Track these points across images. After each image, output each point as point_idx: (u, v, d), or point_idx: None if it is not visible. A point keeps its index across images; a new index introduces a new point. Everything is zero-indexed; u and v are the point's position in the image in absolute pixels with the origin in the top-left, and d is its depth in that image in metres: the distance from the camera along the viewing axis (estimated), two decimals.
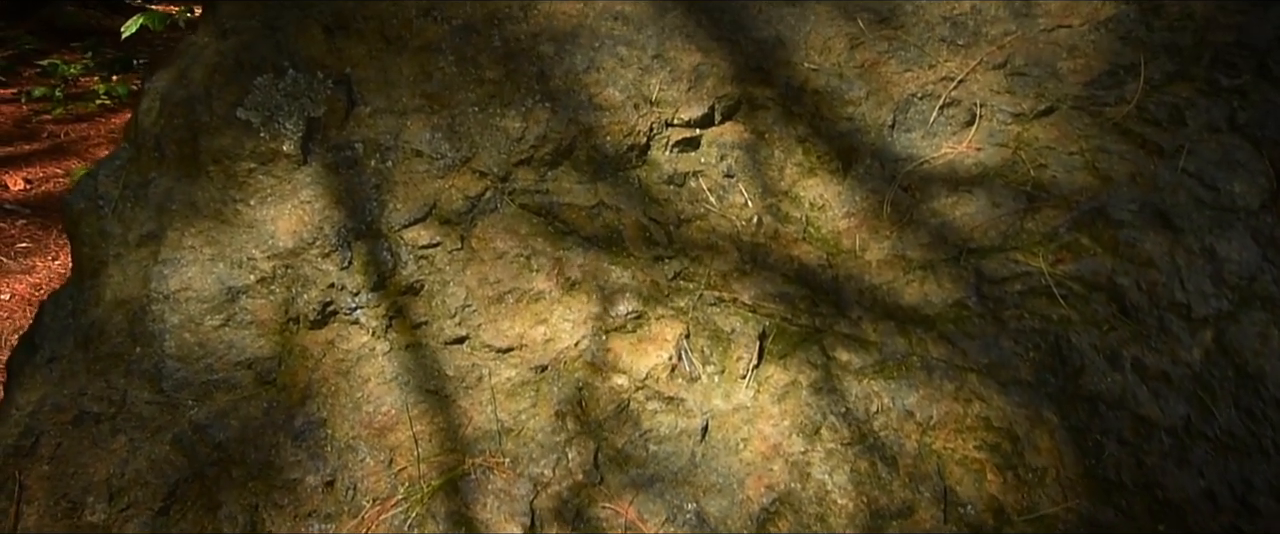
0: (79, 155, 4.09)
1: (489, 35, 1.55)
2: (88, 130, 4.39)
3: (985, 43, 1.34)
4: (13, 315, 3.02)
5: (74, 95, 4.94)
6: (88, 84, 5.56)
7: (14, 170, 3.92)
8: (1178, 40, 1.27)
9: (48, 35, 7.62)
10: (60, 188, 3.80)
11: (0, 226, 3.49)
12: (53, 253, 3.36)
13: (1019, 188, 1.21)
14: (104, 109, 4.65)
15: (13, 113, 4.67)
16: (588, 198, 1.36)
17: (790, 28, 1.42)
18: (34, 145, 4.18)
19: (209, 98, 1.61)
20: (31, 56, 7.16)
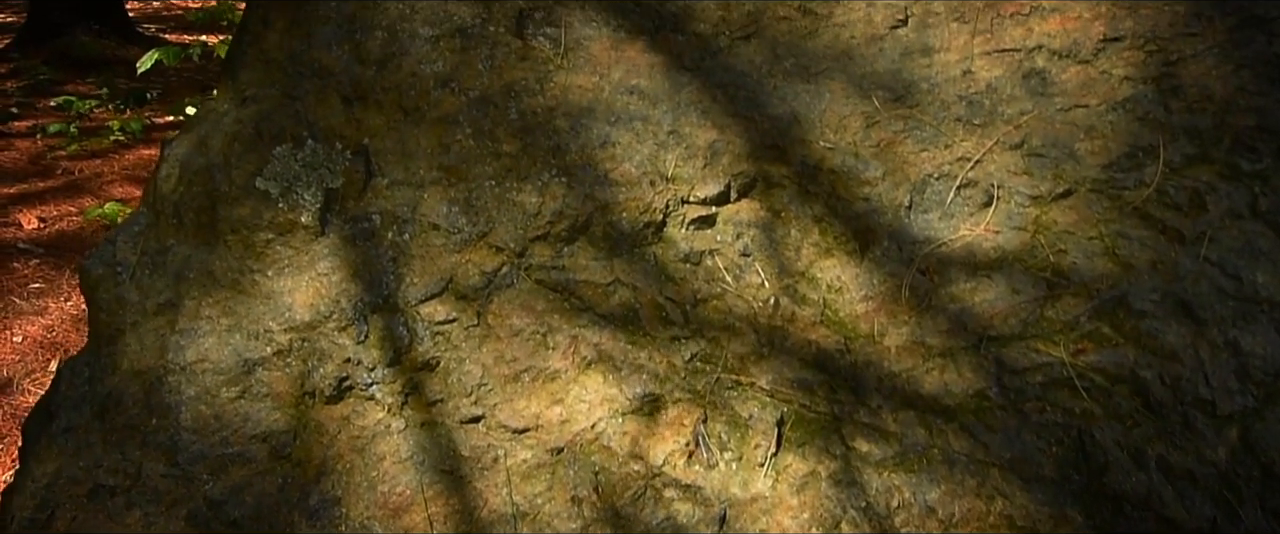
0: (93, 193, 4.14)
1: (505, 108, 1.57)
2: (102, 167, 4.45)
3: (1001, 122, 1.35)
4: (24, 358, 3.05)
5: (88, 129, 5.01)
6: (102, 117, 5.64)
7: (28, 208, 3.97)
8: (1197, 122, 1.28)
9: (63, 65, 7.74)
10: (73, 226, 3.85)
11: (14, 266, 3.53)
12: (65, 294, 3.39)
13: (1038, 274, 1.21)
14: (118, 145, 4.71)
15: (28, 148, 4.73)
16: (604, 275, 1.37)
17: (805, 105, 1.43)
18: (48, 182, 4.24)
19: (228, 167, 1.64)
20: (46, 87, 7.28)
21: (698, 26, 1.57)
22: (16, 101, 6.83)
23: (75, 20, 8.08)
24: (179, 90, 7.07)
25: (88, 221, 3.84)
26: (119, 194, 4.14)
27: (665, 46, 1.57)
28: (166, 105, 6.84)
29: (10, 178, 4.26)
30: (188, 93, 7.07)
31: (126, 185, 4.23)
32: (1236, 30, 1.32)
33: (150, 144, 4.82)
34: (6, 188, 4.14)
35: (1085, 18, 1.40)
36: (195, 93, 7.17)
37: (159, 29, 9.89)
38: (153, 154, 4.68)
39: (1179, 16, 1.35)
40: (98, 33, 8.14)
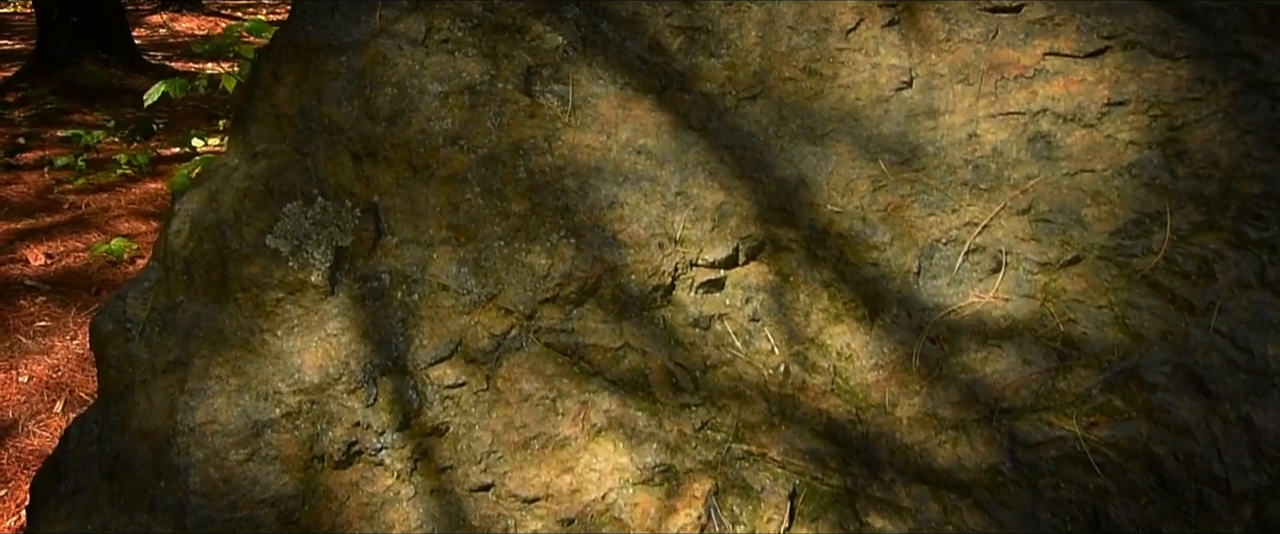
0: (99, 228, 4.14)
1: (514, 167, 1.57)
2: (108, 201, 4.45)
3: (1008, 187, 1.34)
4: (30, 399, 3.03)
5: (95, 162, 5.02)
6: (108, 149, 5.65)
7: (35, 244, 3.97)
8: (1203, 189, 1.28)
9: (70, 94, 7.77)
10: (80, 262, 3.84)
11: (20, 304, 3.52)
12: (71, 332, 3.38)
13: (1049, 344, 1.20)
14: (125, 179, 4.72)
15: (35, 181, 4.74)
16: (613, 339, 1.36)
17: (812, 168, 1.43)
18: (55, 217, 4.24)
19: (238, 224, 1.64)
20: (54, 116, 7.30)
21: (704, 86, 1.57)
22: (24, 131, 6.85)
23: (83, 49, 8.12)
24: (185, 119, 7.09)
25: (94, 258, 3.84)
26: (125, 229, 4.14)
27: (672, 105, 1.57)
28: (173, 136, 6.86)
29: (18, 212, 4.27)
30: (194, 122, 7.10)
31: (133, 220, 4.23)
32: (1239, 95, 1.33)
33: (157, 177, 4.83)
34: (13, 223, 4.14)
35: (1089, 81, 1.40)
36: (201, 122, 7.19)
37: (165, 56, 9.94)
38: (159, 187, 4.69)
39: (1182, 81, 1.36)
40: (105, 62, 8.18)
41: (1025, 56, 1.44)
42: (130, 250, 3.91)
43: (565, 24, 1.70)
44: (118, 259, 3.86)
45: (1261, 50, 1.36)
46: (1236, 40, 1.37)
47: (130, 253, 3.91)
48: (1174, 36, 1.40)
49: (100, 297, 3.59)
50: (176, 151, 5.45)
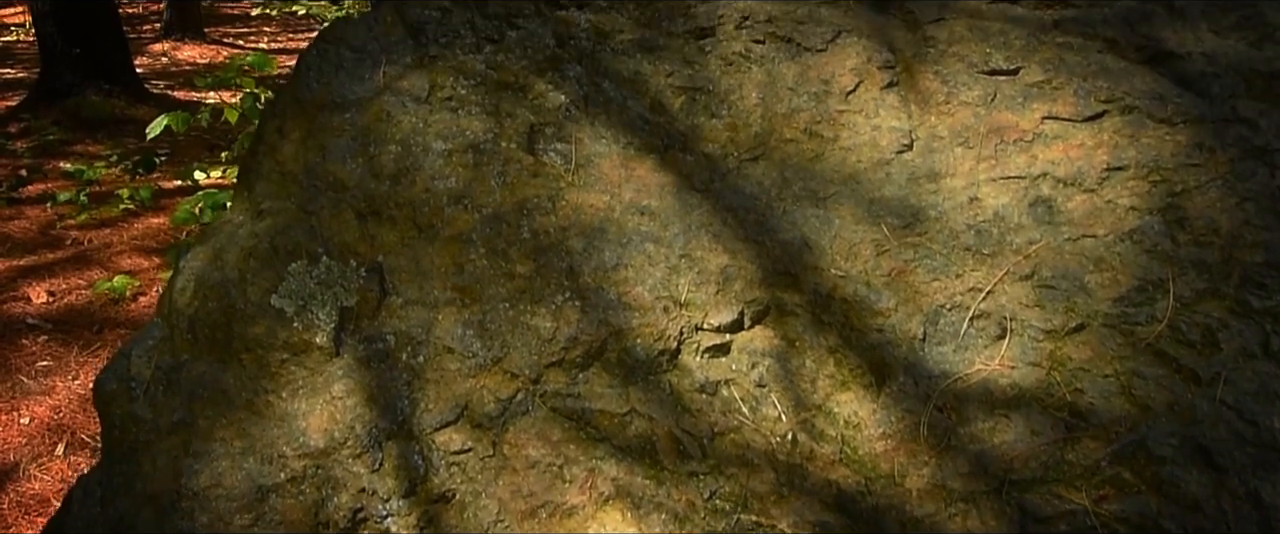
0: (102, 264, 4.12)
1: (518, 227, 1.56)
2: (111, 236, 4.43)
3: (1010, 252, 1.34)
4: (31, 442, 2.99)
5: (98, 195, 5.00)
6: (110, 183, 5.63)
7: (37, 281, 3.94)
8: (1205, 256, 1.27)
9: (72, 125, 7.76)
10: (82, 300, 3.82)
11: (22, 343, 3.49)
12: (73, 372, 3.35)
13: (1056, 414, 1.19)
14: (127, 214, 4.70)
15: (38, 217, 4.72)
16: (620, 404, 1.35)
17: (815, 230, 1.42)
18: (57, 254, 4.21)
19: (243, 283, 1.62)
20: (56, 147, 7.29)
21: (706, 147, 1.57)
22: (26, 163, 6.83)
23: (85, 80, 8.13)
24: (188, 150, 7.09)
25: (96, 296, 3.81)
26: (128, 265, 4.12)
27: (675, 166, 1.57)
28: (176, 167, 6.85)
29: (20, 249, 4.24)
30: (196, 153, 7.09)
31: (135, 256, 4.21)
32: (1238, 162, 1.33)
33: (159, 211, 4.81)
34: (16, 260, 4.12)
35: (1088, 145, 1.40)
36: (203, 152, 7.18)
37: (167, 85, 9.95)
38: (162, 222, 4.67)
39: (1181, 146, 1.36)
40: (107, 92, 8.18)
41: (1024, 120, 1.44)
42: (133, 287, 3.89)
43: (567, 82, 1.70)
44: (120, 297, 3.84)
45: (1258, 116, 1.36)
46: (1233, 106, 1.38)
47: (132, 290, 3.89)
48: (1171, 102, 1.40)
49: (102, 335, 3.57)
50: (179, 184, 5.43)
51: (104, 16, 7.99)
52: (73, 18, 7.71)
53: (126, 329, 3.61)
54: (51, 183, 5.60)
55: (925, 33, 1.57)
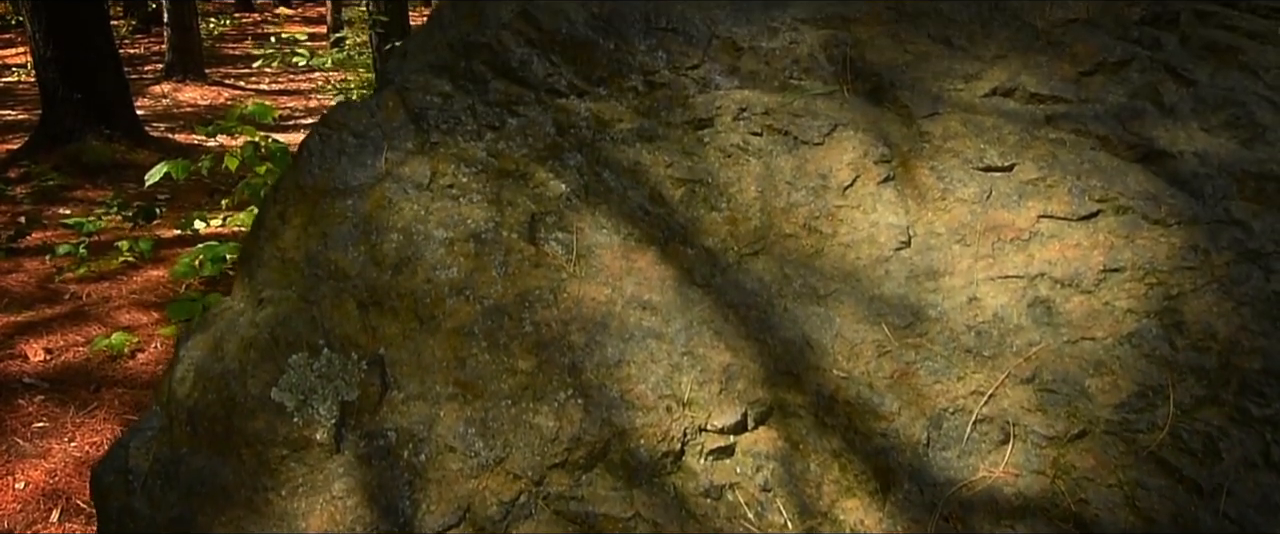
0: (100, 320, 4.07)
1: (520, 319, 1.55)
2: (110, 290, 4.39)
3: (1011, 354, 1.33)
4: (26, 507, 2.93)
5: (98, 245, 4.97)
6: (110, 231, 5.60)
7: (35, 338, 3.90)
8: (1203, 361, 1.27)
9: (73, 170, 7.74)
10: (80, 358, 3.77)
11: (18, 403, 3.44)
12: (69, 434, 3.30)
13: (1062, 525, 1.17)
14: (127, 266, 4.66)
15: (36, 270, 4.68)
16: (624, 508, 1.32)
17: (816, 329, 1.41)
18: (55, 309, 4.17)
19: (244, 375, 1.60)
20: (56, 193, 7.26)
21: (706, 240, 1.56)
22: (26, 209, 6.80)
23: (86, 124, 8.12)
24: (188, 195, 7.07)
25: (94, 353, 3.76)
26: (126, 321, 4.08)
27: (675, 259, 1.56)
28: (176, 214, 6.83)
29: (18, 304, 4.20)
30: (197, 197, 7.08)
31: (133, 311, 4.17)
32: (1233, 265, 1.33)
33: (159, 263, 4.78)
34: (13, 315, 4.07)
35: (1084, 245, 1.40)
36: (203, 197, 7.17)
37: (168, 128, 9.96)
38: (161, 275, 4.63)
39: (1175, 249, 1.36)
40: (108, 137, 8.18)
41: (1020, 219, 1.44)
42: (131, 344, 3.85)
43: (568, 171, 1.70)
44: (118, 354, 3.79)
45: (1251, 218, 1.36)
46: (1226, 207, 1.38)
47: (130, 346, 3.85)
48: (1165, 202, 1.40)
49: (99, 395, 3.52)
50: (178, 234, 5.41)
51: (106, 62, 8.01)
52: (75, 64, 7.73)
53: (124, 388, 3.57)
54: (51, 231, 5.56)
55: (920, 128, 1.58)
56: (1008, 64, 1.65)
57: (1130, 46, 1.61)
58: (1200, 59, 1.56)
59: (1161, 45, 1.60)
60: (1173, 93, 1.53)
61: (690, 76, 1.71)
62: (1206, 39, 1.59)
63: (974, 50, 1.68)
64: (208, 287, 4.48)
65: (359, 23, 13.12)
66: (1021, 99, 1.60)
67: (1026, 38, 1.68)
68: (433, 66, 1.86)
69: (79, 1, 7.52)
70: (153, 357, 3.84)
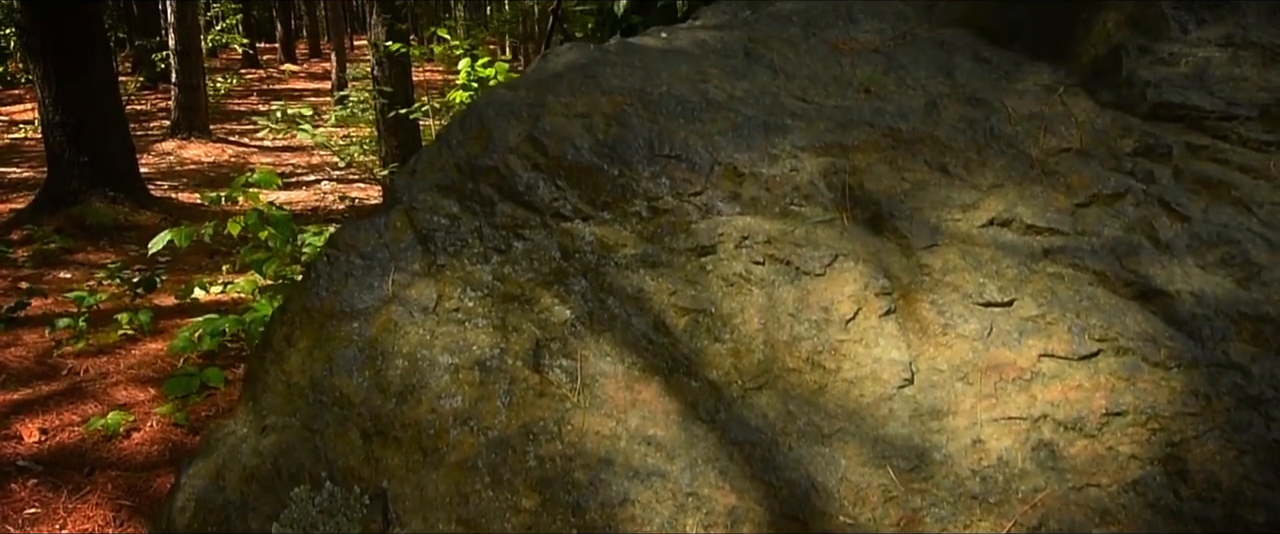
0: (97, 397, 4.04)
1: (524, 453, 1.54)
2: (108, 365, 4.37)
3: (1017, 501, 1.33)
4: None
5: (98, 315, 4.95)
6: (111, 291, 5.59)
7: (30, 418, 3.86)
8: (1209, 513, 1.26)
9: (76, 232, 7.76)
10: (75, 438, 3.73)
11: (11, 488, 3.39)
12: (61, 520, 3.24)
13: None
14: (126, 339, 4.65)
15: (35, 343, 4.66)
16: None
17: (821, 471, 1.41)
18: (52, 385, 4.14)
19: (244, 508, 1.58)
20: (57, 256, 7.27)
21: (710, 373, 1.57)
22: (27, 272, 6.79)
23: (91, 186, 8.18)
24: (190, 257, 7.08)
25: (89, 433, 3.73)
26: (123, 398, 4.05)
27: (680, 391, 1.57)
28: (178, 275, 6.83)
29: (15, 380, 4.17)
30: (198, 260, 7.09)
31: (131, 388, 4.14)
32: (1234, 411, 1.33)
33: (158, 335, 4.76)
34: (10, 393, 4.04)
35: (1085, 387, 1.40)
36: (204, 259, 7.18)
37: (172, 186, 10.03)
38: (159, 348, 4.61)
39: (1176, 393, 1.37)
40: (112, 199, 8.23)
41: (1021, 358, 1.45)
42: (126, 423, 3.81)
43: (573, 297, 1.71)
44: (113, 434, 3.75)
45: (1250, 362, 1.37)
46: (1225, 350, 1.39)
47: (126, 426, 3.81)
48: (1164, 344, 1.41)
49: (93, 478, 3.47)
50: (179, 302, 5.40)
51: (113, 125, 8.10)
52: (83, 127, 7.81)
53: (118, 471, 3.52)
54: (52, 298, 5.55)
55: (919, 259, 1.60)
56: (1004, 193, 1.68)
57: (1124, 178, 1.64)
58: (1194, 193, 1.59)
59: (1155, 178, 1.63)
60: (1167, 228, 1.55)
61: (693, 202, 1.74)
62: (1199, 173, 1.62)
63: (970, 179, 1.71)
64: (206, 361, 4.46)
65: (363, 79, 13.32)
66: (1018, 230, 1.62)
67: (1021, 166, 1.72)
68: (440, 186, 1.89)
69: (89, 67, 7.65)
70: (148, 436, 3.80)
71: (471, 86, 6.71)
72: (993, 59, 2.05)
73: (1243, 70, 1.74)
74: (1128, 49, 1.84)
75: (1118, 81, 1.81)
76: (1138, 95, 1.76)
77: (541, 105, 1.91)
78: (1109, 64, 1.86)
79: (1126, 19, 1.89)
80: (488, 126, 1.92)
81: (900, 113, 1.85)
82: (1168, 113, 1.71)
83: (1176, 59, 1.79)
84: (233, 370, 4.27)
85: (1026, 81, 1.96)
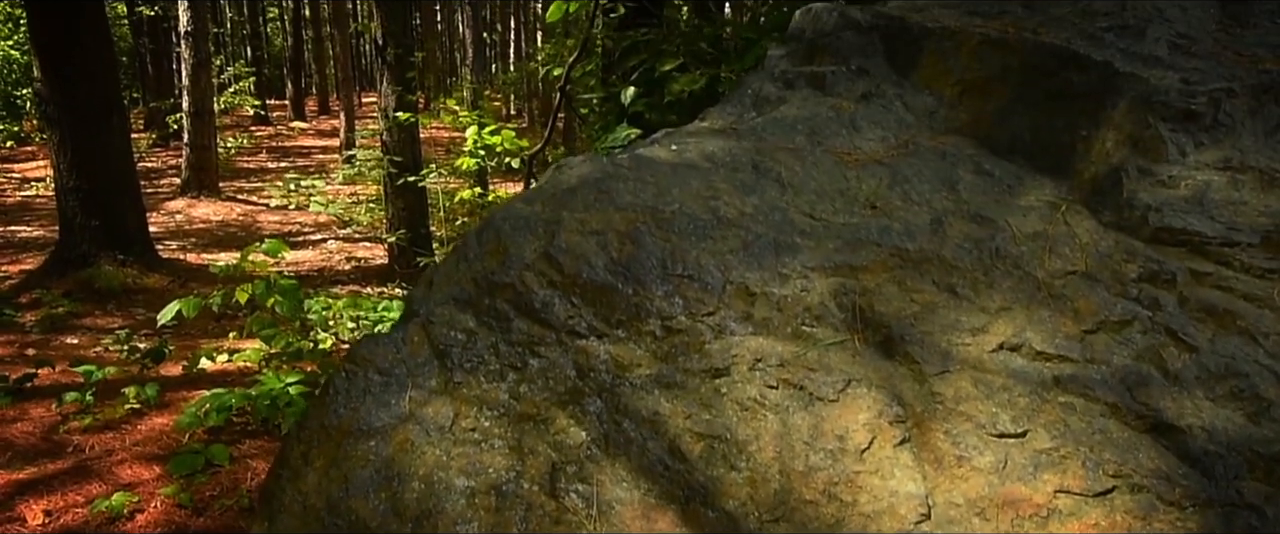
0: (102, 477, 4.01)
1: None
2: (114, 441, 4.34)
3: None
4: None
5: (105, 387, 4.93)
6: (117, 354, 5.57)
7: (34, 499, 3.82)
8: None
9: (84, 296, 7.78)
10: (78, 519, 3.68)
11: None
12: None
13: None
14: (132, 413, 4.62)
15: (41, 417, 4.64)
16: None
17: None
18: (58, 464, 4.10)
19: None
20: (65, 321, 7.27)
21: (727, 503, 1.56)
22: (34, 338, 6.78)
23: (102, 249, 8.23)
24: (197, 322, 7.09)
25: (93, 514, 3.68)
26: (128, 477, 4.01)
27: (697, 521, 1.56)
28: (184, 340, 6.81)
29: (20, 458, 4.13)
30: (205, 323, 7.10)
31: (136, 466, 4.10)
32: None
33: (165, 409, 4.74)
34: (15, 472, 4.00)
35: (1102, 526, 1.40)
36: (211, 323, 7.18)
37: (180, 246, 10.09)
38: (166, 423, 4.59)
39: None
40: (122, 262, 8.28)
41: (1037, 493, 1.45)
42: (130, 504, 3.77)
43: (588, 418, 1.72)
44: (117, 515, 3.71)
45: (1264, 502, 1.37)
46: (1238, 489, 1.39)
47: (130, 507, 3.77)
48: (1177, 483, 1.41)
49: None
50: (185, 371, 5.39)
51: (126, 190, 8.19)
52: (96, 192, 7.90)
53: None
54: (60, 367, 5.53)
55: (932, 386, 1.61)
56: (1012, 317, 1.70)
57: (1130, 305, 1.66)
58: (1200, 321, 1.61)
59: (1161, 305, 1.65)
60: (1176, 358, 1.57)
61: (706, 322, 1.76)
62: (1204, 300, 1.64)
63: (978, 301, 1.73)
64: (211, 436, 4.43)
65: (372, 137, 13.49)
66: (1028, 356, 1.64)
67: (1028, 288, 1.74)
68: (457, 300, 1.91)
69: (105, 134, 7.77)
70: (152, 518, 3.75)
71: (479, 154, 6.81)
72: (995, 172, 2.09)
73: (1242, 194, 1.77)
74: (1128, 170, 1.88)
75: (1119, 202, 1.85)
76: (1140, 218, 1.79)
77: (557, 221, 1.94)
78: (1109, 184, 1.90)
79: (1125, 138, 1.94)
80: (504, 242, 1.95)
81: (907, 231, 1.88)
82: (1170, 237, 1.74)
83: (1176, 181, 1.83)
84: (238, 447, 4.23)
85: (1029, 196, 1.99)
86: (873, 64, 2.58)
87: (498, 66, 21.56)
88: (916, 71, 2.49)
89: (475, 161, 6.64)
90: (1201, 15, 2.32)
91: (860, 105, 2.46)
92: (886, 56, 2.58)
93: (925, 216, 1.93)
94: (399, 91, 7.68)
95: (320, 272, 9.28)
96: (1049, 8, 2.52)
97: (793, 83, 2.68)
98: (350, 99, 14.95)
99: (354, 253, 9.96)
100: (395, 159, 7.85)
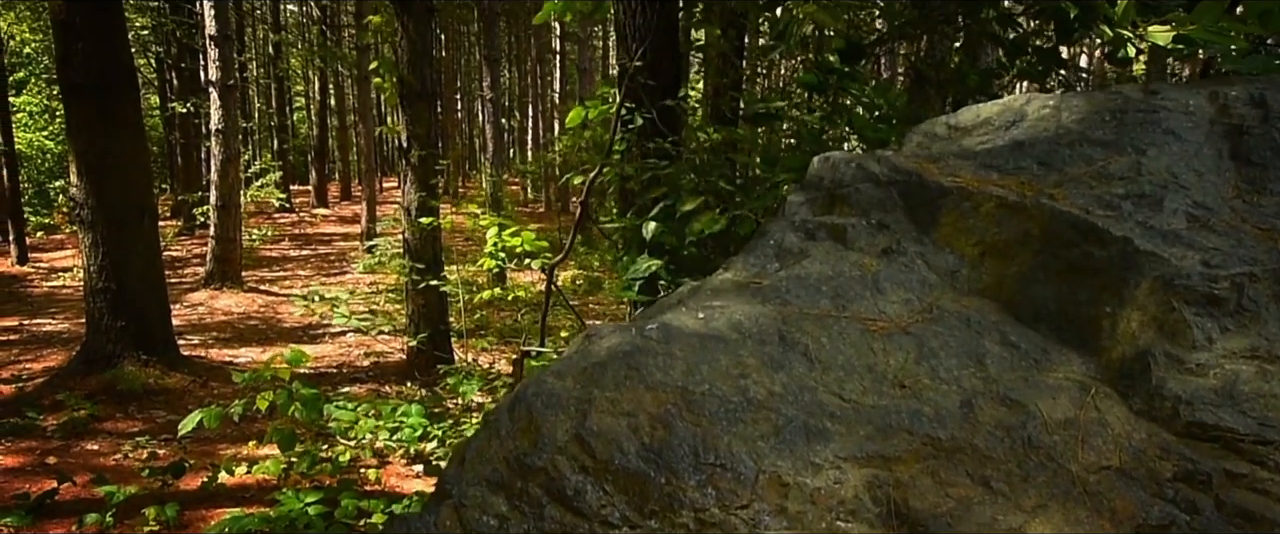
0: None
1: None
2: None
3: None
4: None
5: (128, 505, 4.93)
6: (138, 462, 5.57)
7: None
8: None
9: (107, 398, 7.84)
10: None
11: None
12: None
13: None
14: None
15: None
16: None
17: None
18: None
19: None
20: (85, 425, 7.31)
21: None
22: (55, 444, 6.81)
23: (125, 349, 8.34)
24: (218, 428, 7.11)
25: None
26: None
27: None
28: (204, 446, 6.82)
29: None
30: (224, 428, 7.12)
31: None
32: None
33: (185, 530, 4.73)
34: None
35: None
36: (231, 427, 7.20)
37: (202, 341, 10.21)
38: None
39: None
40: (144, 362, 8.37)
41: None
42: None
43: None
44: None
45: None
46: None
47: None
48: None
49: None
50: (205, 485, 5.38)
51: (153, 291, 8.36)
52: (123, 292, 8.06)
53: None
54: (81, 481, 5.54)
55: None
56: (1049, 516, 1.69)
57: (1167, 507, 1.65)
58: (1239, 529, 1.60)
59: (1198, 508, 1.64)
60: None
61: (739, 516, 1.76)
62: (1241, 505, 1.63)
63: (1014, 497, 1.73)
64: None
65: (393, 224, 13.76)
66: None
67: (1064, 484, 1.74)
68: (490, 482, 1.93)
69: (136, 238, 8.00)
70: None
71: (499, 256, 6.94)
72: (1021, 344, 2.12)
73: (1271, 386, 1.78)
74: (1155, 355, 1.90)
75: (1149, 389, 1.86)
76: (1171, 410, 1.80)
77: (588, 400, 1.98)
78: (1137, 368, 1.91)
79: (1150, 320, 1.97)
80: (536, 420, 1.98)
81: (938, 416, 1.90)
82: (1202, 433, 1.75)
83: (1204, 370, 1.84)
84: None
85: (1057, 373, 2.01)
86: (893, 219, 2.65)
87: (516, 153, 22.14)
88: (936, 229, 2.55)
89: (496, 263, 6.77)
90: (1217, 181, 2.38)
91: (882, 263, 2.51)
92: (906, 211, 2.65)
93: (955, 399, 1.95)
94: (422, 196, 7.89)
95: (339, 368, 9.34)
96: (1065, 167, 2.60)
97: (814, 234, 2.75)
98: (372, 188, 15.33)
99: (372, 347, 10.04)
100: (417, 266, 8.00)
